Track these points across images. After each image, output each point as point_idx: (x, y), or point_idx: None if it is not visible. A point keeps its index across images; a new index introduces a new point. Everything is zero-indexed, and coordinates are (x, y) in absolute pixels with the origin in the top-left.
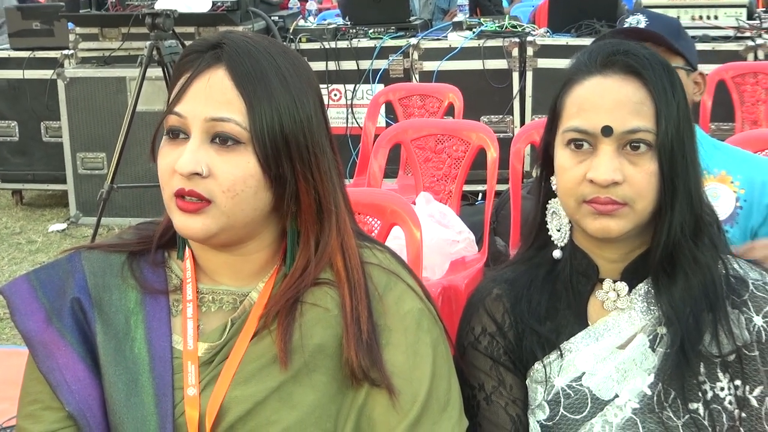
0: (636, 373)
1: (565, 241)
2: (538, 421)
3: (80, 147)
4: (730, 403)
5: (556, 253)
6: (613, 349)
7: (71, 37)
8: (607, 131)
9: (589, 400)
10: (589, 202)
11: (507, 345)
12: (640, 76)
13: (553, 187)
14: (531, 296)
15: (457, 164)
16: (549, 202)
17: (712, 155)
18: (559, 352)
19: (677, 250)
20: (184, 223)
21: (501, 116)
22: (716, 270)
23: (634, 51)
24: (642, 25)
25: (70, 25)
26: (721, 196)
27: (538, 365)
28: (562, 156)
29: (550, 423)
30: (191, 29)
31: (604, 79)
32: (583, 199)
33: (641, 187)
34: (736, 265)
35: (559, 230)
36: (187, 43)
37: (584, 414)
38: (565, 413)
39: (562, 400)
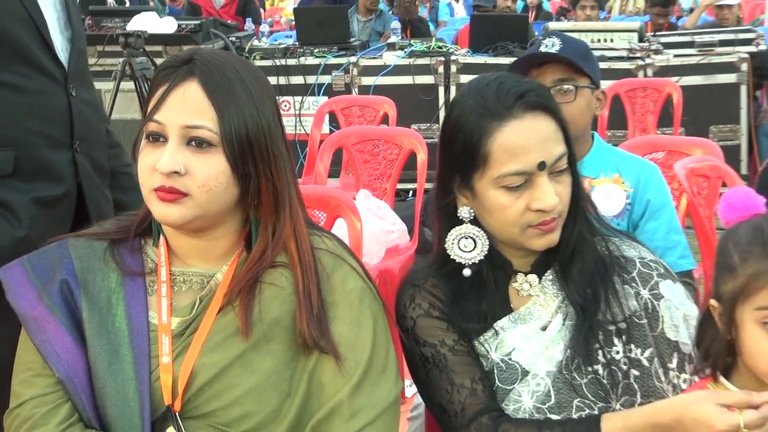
0: (554, 347)
1: (481, 258)
2: None
3: None
4: (625, 364)
5: (466, 272)
6: (537, 330)
7: None
8: (542, 166)
9: (519, 372)
10: (536, 226)
11: (453, 319)
12: (546, 108)
13: (463, 216)
14: (461, 306)
15: (392, 165)
16: (453, 230)
17: (607, 159)
18: (494, 331)
19: (577, 242)
20: (162, 211)
21: (429, 124)
22: (601, 250)
23: (532, 88)
24: (557, 47)
25: None
26: (614, 195)
27: (476, 342)
28: (498, 196)
29: None
30: (159, 48)
31: (521, 121)
32: (528, 225)
33: (567, 199)
34: (617, 242)
35: (470, 250)
36: (156, 60)
37: (514, 384)
38: (499, 384)
39: (497, 372)
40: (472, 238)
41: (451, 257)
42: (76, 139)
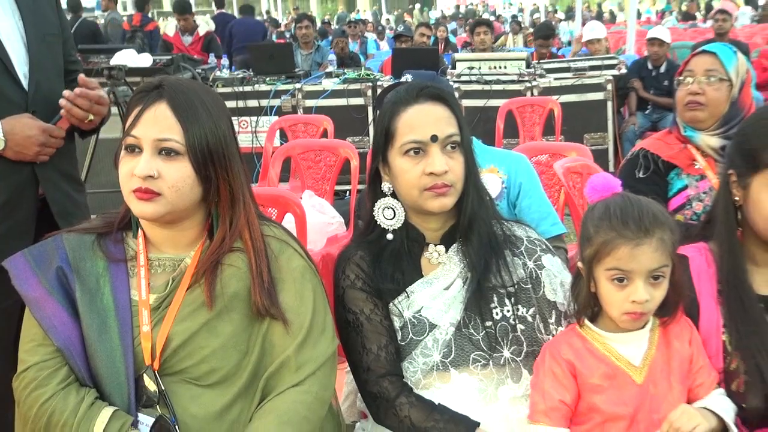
0: (455, 305)
1: (400, 224)
2: None
3: None
4: (513, 320)
5: (389, 236)
6: (441, 290)
7: None
8: (434, 138)
9: (427, 326)
10: (430, 188)
11: (374, 286)
12: (442, 99)
13: (385, 191)
14: (382, 268)
15: (330, 170)
16: (378, 201)
17: (483, 156)
18: (406, 294)
19: (473, 218)
20: (140, 208)
21: (360, 137)
22: (495, 228)
23: (435, 85)
24: (410, 79)
25: None
26: (491, 182)
27: (392, 303)
28: (402, 162)
29: (403, 343)
30: (138, 79)
31: (421, 105)
32: (424, 188)
33: (459, 174)
34: (509, 225)
35: (392, 218)
36: (135, 88)
37: (424, 336)
38: (413, 336)
39: (410, 327)
40: (391, 208)
41: (378, 224)
42: None
